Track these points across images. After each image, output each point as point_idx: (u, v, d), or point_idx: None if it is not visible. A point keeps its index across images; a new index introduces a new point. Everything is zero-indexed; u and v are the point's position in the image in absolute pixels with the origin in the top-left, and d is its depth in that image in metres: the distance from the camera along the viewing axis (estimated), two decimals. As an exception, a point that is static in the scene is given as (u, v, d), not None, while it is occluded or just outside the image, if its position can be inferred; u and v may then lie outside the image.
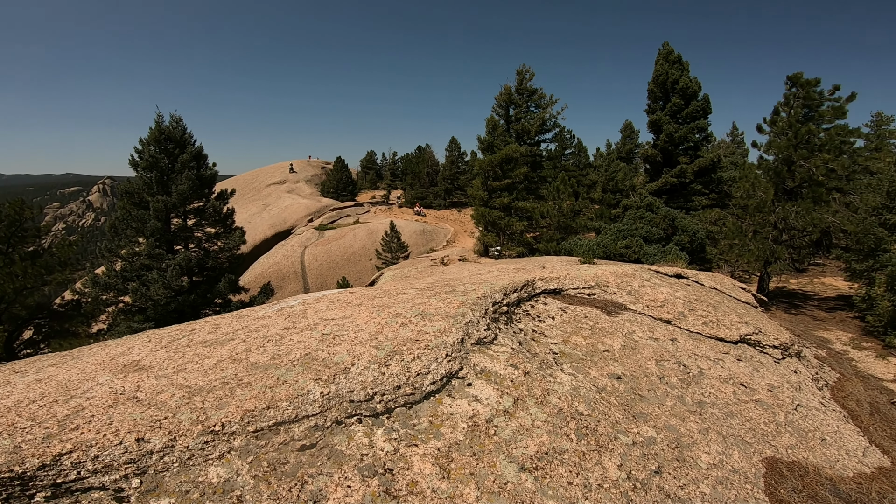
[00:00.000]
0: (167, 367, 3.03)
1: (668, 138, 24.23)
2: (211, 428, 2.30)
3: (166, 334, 3.91)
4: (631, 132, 43.13)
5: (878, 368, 9.96)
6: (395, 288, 5.05)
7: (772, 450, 3.60)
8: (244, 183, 51.34)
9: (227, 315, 4.39)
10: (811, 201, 14.35)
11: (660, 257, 14.07)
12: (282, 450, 2.32)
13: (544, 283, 5.67)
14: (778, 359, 5.81)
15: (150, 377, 2.85)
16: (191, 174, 13.85)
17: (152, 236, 13.85)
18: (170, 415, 2.38)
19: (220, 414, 2.41)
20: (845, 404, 5.75)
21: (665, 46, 24.75)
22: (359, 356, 3.04)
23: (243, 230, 15.93)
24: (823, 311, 15.15)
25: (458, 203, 45.04)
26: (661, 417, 3.47)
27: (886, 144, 31.22)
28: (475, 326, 3.70)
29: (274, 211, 39.06)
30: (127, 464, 2.05)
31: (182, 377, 2.84)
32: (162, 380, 2.81)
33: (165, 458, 2.12)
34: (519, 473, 2.49)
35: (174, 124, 14.67)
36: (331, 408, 2.61)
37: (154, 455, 2.11)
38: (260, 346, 3.23)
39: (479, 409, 2.87)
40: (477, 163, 24.79)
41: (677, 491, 2.78)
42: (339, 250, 31.00)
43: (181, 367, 3.02)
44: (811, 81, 14.59)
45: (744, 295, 8.01)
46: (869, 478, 3.74)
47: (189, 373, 2.91)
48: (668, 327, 5.40)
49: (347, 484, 2.21)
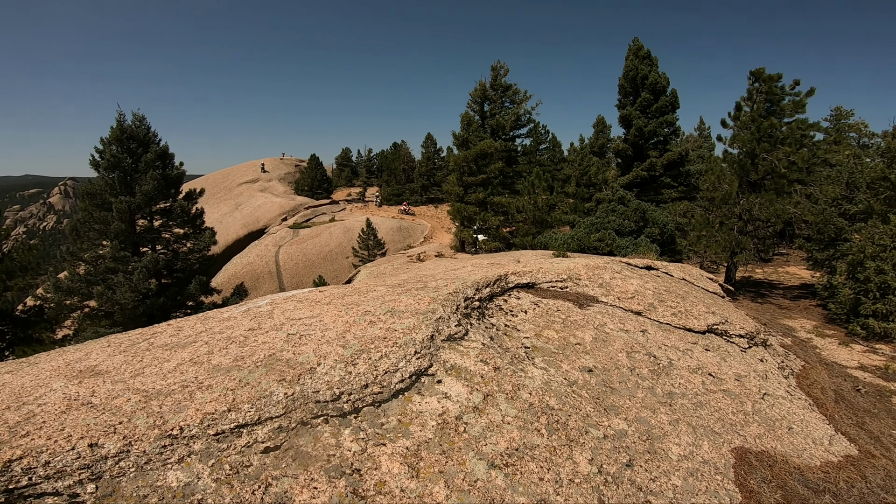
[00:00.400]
0: (124, 371, 2.93)
1: (639, 133, 24.71)
2: (168, 432, 2.25)
3: (126, 339, 3.77)
4: (603, 127, 43.82)
5: (842, 355, 10.34)
6: (366, 286, 4.99)
7: (740, 440, 3.67)
8: (214, 182, 50.08)
9: (191, 317, 4.26)
10: (774, 193, 14.85)
11: (632, 249, 14.34)
12: (244, 452, 2.27)
13: (517, 278, 5.69)
14: (744, 348, 5.97)
15: (106, 382, 2.76)
16: (156, 174, 13.42)
17: (116, 238, 13.38)
18: (125, 419, 2.32)
19: (178, 418, 2.35)
20: (811, 392, 5.92)
21: (635, 42, 25.17)
22: (325, 356, 2.98)
23: (214, 230, 15.56)
24: (788, 300, 15.71)
25: (434, 199, 44.97)
26: (632, 410, 3.51)
27: (845, 138, 32.54)
28: (445, 322, 3.68)
29: (246, 210, 38.24)
30: (80, 469, 2.01)
31: (139, 381, 2.75)
32: (118, 384, 2.72)
33: (121, 462, 2.07)
34: (489, 470, 2.48)
35: (137, 123, 14.18)
36: (295, 409, 2.56)
37: (109, 460, 2.06)
38: (223, 349, 3.14)
39: (448, 407, 2.85)
40: (452, 158, 24.78)
41: (649, 484, 2.81)
42: (314, 249, 30.57)
43: (139, 371, 2.91)
44: (773, 76, 15.06)
45: (711, 285, 8.22)
46: (836, 466, 3.82)
47: (147, 377, 2.81)
48: (639, 318, 5.49)
49: (314, 485, 2.16)
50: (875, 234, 12.26)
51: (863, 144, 33.96)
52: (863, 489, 3.54)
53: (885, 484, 3.72)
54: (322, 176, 48.04)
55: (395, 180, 46.69)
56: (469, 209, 23.09)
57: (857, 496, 3.40)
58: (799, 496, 3.18)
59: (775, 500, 3.07)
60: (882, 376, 8.99)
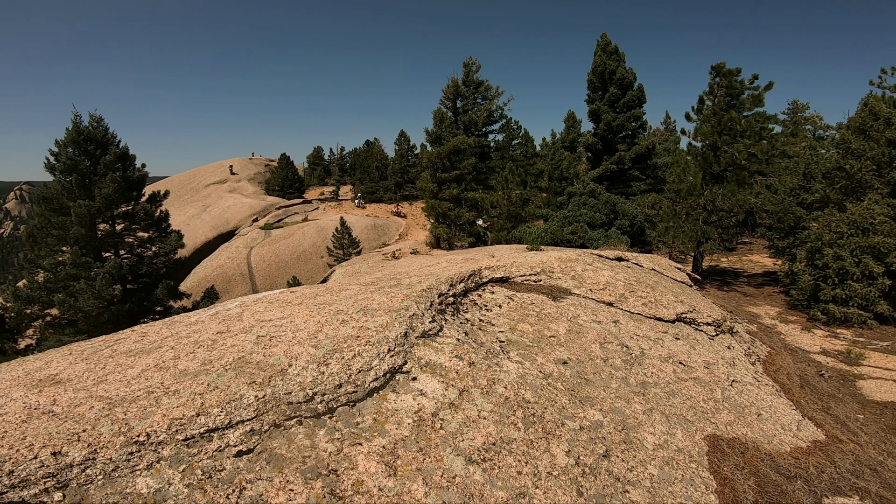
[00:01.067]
0: (86, 379, 2.82)
1: (607, 127, 25.18)
2: (135, 438, 2.20)
3: (89, 346, 3.63)
4: (574, 122, 44.46)
5: (805, 341, 10.77)
6: (339, 285, 4.93)
7: (712, 427, 3.76)
8: (180, 184, 48.58)
9: (157, 323, 4.12)
10: (735, 184, 15.37)
11: (603, 241, 14.63)
12: (216, 457, 2.22)
13: (491, 272, 5.72)
14: (712, 335, 6.15)
15: (68, 390, 2.67)
16: (116, 176, 12.95)
17: (76, 244, 12.86)
18: (88, 427, 2.26)
19: (144, 424, 2.28)
20: (777, 378, 6.10)
21: (603, 38, 25.59)
22: (296, 356, 2.93)
23: (180, 233, 15.15)
24: (752, 288, 16.30)
25: (409, 196, 44.80)
26: (606, 400, 3.56)
27: (802, 130, 33.97)
28: (419, 319, 3.67)
29: (215, 212, 37.24)
30: (45, 478, 1.95)
31: (102, 389, 2.65)
32: (80, 392, 2.63)
33: (87, 470, 2.02)
34: (467, 466, 2.48)
35: (94, 124, 13.67)
36: (267, 411, 2.50)
37: (74, 468, 2.01)
38: (190, 353, 3.04)
39: (424, 404, 2.84)
40: (426, 155, 24.70)
41: (626, 474, 2.85)
42: (287, 249, 30.05)
43: (101, 378, 2.81)
44: (733, 71, 15.56)
45: (679, 275, 8.45)
46: (806, 452, 3.92)
47: (110, 384, 2.72)
48: (611, 309, 5.59)
49: (290, 487, 2.13)
50: (832, 222, 12.83)
51: (818, 136, 35.56)
52: (832, 474, 3.61)
53: (854, 469, 3.81)
54: (293, 175, 47.22)
55: (368, 178, 46.28)
56: (443, 205, 23.08)
57: (827, 481, 3.48)
58: (772, 482, 3.24)
59: (749, 486, 3.13)
60: (844, 361, 9.40)
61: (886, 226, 11.70)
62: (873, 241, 11.72)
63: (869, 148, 13.25)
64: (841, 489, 3.41)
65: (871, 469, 3.92)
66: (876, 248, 11.75)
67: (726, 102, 15.86)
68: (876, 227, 11.82)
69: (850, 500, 3.30)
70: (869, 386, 7.98)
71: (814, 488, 3.33)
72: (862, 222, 12.05)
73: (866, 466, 3.95)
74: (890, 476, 3.90)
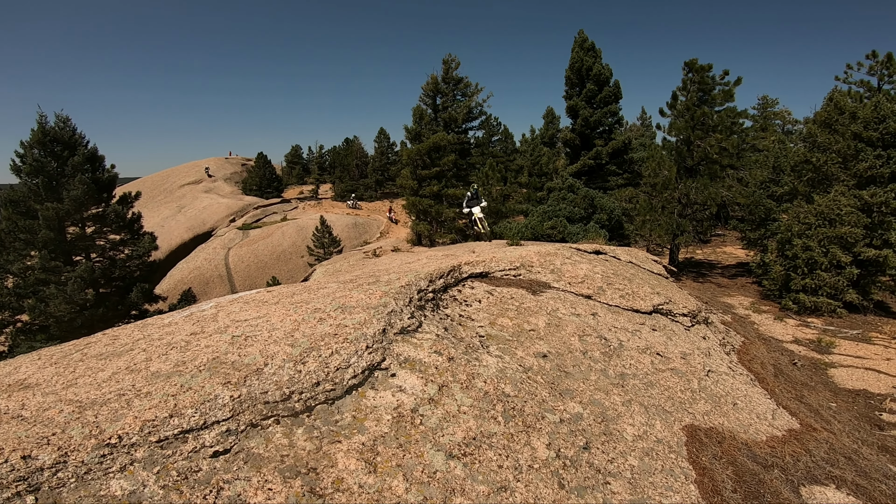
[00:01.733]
0: (56, 383, 2.76)
1: (585, 122, 25.46)
2: (106, 441, 2.16)
3: (58, 350, 3.54)
4: (553, 118, 44.80)
5: (777, 330, 11.07)
6: (317, 283, 4.88)
7: (690, 417, 3.80)
8: (153, 184, 47.36)
9: (129, 325, 4.02)
10: (708, 177, 15.75)
11: (582, 235, 14.81)
12: (192, 458, 2.19)
13: (471, 268, 5.73)
14: (688, 326, 6.27)
15: (37, 395, 2.61)
16: (84, 178, 12.57)
17: (45, 248, 12.46)
18: (59, 430, 2.21)
19: (115, 426, 2.25)
20: (751, 367, 6.22)
21: (580, 35, 25.83)
22: (272, 356, 2.89)
23: (154, 235, 14.80)
24: (726, 278, 16.71)
25: (389, 194, 44.57)
26: (586, 392, 3.59)
27: (771, 125, 34.92)
28: (398, 316, 3.65)
29: (191, 212, 36.42)
30: (17, 481, 1.91)
31: (72, 392, 2.60)
32: (49, 396, 2.57)
33: (59, 473, 1.98)
34: (447, 461, 2.48)
35: (61, 125, 13.24)
36: (243, 411, 2.47)
37: (45, 471, 1.97)
38: (162, 355, 2.98)
39: (403, 400, 2.83)
40: (405, 152, 24.59)
41: (607, 465, 2.88)
42: (266, 249, 29.60)
43: (71, 382, 2.75)
44: (705, 67, 15.91)
45: (656, 267, 8.61)
46: (781, 441, 3.98)
47: (80, 387, 2.66)
48: (589, 302, 5.66)
49: (268, 486, 2.11)
50: (800, 214, 13.24)
51: (787, 131, 36.61)
52: (808, 462, 3.67)
53: (829, 457, 3.88)
54: (271, 174, 46.50)
55: (348, 176, 45.87)
56: (424, 202, 23.03)
57: (803, 470, 3.53)
58: (749, 471, 3.28)
59: (727, 475, 3.17)
60: (815, 349, 9.70)
61: (853, 216, 12.13)
62: (840, 232, 12.14)
63: (834, 141, 13.70)
64: (817, 478, 3.46)
65: (845, 457, 3.98)
66: (843, 238, 12.17)
67: (699, 98, 16.21)
68: (843, 218, 12.24)
69: (827, 488, 3.34)
70: (840, 374, 8.25)
71: (790, 477, 3.37)
72: (829, 213, 12.46)
73: (841, 455, 4.01)
74: (864, 464, 3.97)
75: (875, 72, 20.18)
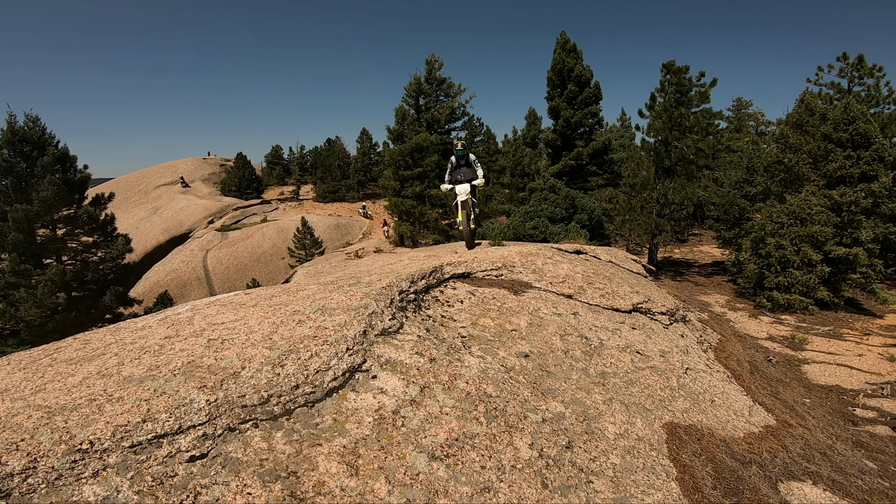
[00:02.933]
0: (24, 388, 2.67)
1: (566, 123, 25.75)
2: (77, 446, 2.10)
3: (27, 356, 3.43)
4: (535, 119, 45.19)
5: (752, 327, 11.32)
6: (297, 285, 4.81)
7: (670, 415, 3.85)
8: (128, 185, 46.20)
9: (101, 329, 3.90)
10: (685, 178, 16.07)
11: (563, 235, 14.96)
12: (167, 463, 2.13)
13: (453, 268, 5.73)
14: (666, 324, 6.37)
15: (5, 400, 2.54)
16: (55, 178, 12.20)
17: (14, 250, 12.06)
18: (27, 436, 2.15)
19: (86, 432, 2.19)
20: (728, 364, 6.33)
21: (562, 36, 26.11)
22: (250, 359, 2.83)
23: (128, 237, 14.44)
24: (703, 277, 17.07)
25: (372, 195, 44.35)
26: (568, 392, 3.61)
27: (745, 126, 35.84)
28: (379, 317, 3.62)
29: (167, 214, 35.63)
30: None
31: (41, 398, 2.52)
32: (17, 402, 2.49)
33: (29, 479, 1.93)
34: (430, 463, 2.47)
35: (30, 124, 12.85)
36: (220, 415, 2.41)
37: (15, 477, 1.92)
38: (135, 359, 2.89)
39: (385, 402, 2.81)
40: (388, 153, 24.48)
41: (589, 464, 2.90)
42: (246, 251, 29.13)
43: (40, 387, 2.66)
44: (682, 68, 16.23)
45: (635, 266, 8.74)
46: (758, 437, 4.05)
47: (49, 392, 2.57)
48: (570, 302, 5.71)
49: (247, 491, 2.07)
50: (773, 213, 13.60)
51: (760, 132, 37.63)
52: (785, 459, 3.74)
53: (805, 453, 3.96)
54: (251, 175, 45.82)
55: (330, 177, 45.48)
56: (406, 203, 22.97)
57: (781, 466, 3.59)
58: (728, 468, 3.33)
59: (707, 472, 3.21)
60: (789, 346, 9.96)
61: (823, 216, 12.50)
62: (811, 231, 12.50)
63: (805, 142, 14.12)
64: (794, 473, 3.52)
65: (821, 453, 4.07)
66: (814, 236, 12.54)
67: (676, 99, 16.53)
68: (813, 217, 12.61)
69: (804, 484, 3.39)
70: (813, 370, 8.48)
71: (769, 473, 3.42)
72: (800, 212, 12.82)
73: (816, 450, 4.10)
74: (840, 459, 4.07)
75: (845, 74, 20.82)
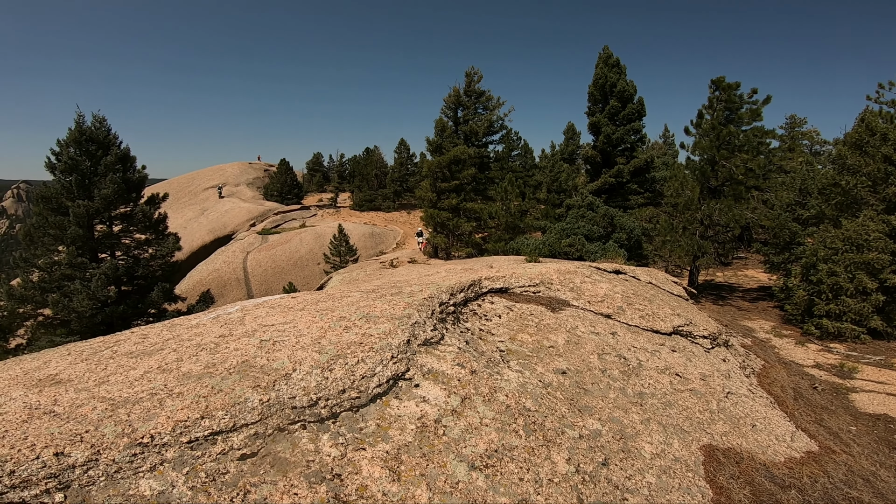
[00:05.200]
0: (88, 379, 2.82)
1: (607, 140, 25.38)
2: (139, 440, 2.19)
3: (88, 346, 3.63)
4: (573, 134, 44.78)
5: (798, 355, 10.81)
6: (340, 292, 4.95)
7: (708, 437, 3.79)
8: (179, 186, 48.54)
9: (157, 325, 4.13)
10: (732, 199, 15.50)
11: (600, 254, 14.71)
12: (220, 460, 2.23)
13: (490, 283, 5.76)
14: (708, 348, 6.19)
15: (69, 391, 2.66)
16: (116, 177, 12.97)
17: (73, 244, 12.84)
18: (91, 428, 2.25)
19: (148, 426, 2.29)
20: (771, 390, 6.14)
21: (605, 51, 25.89)
22: (300, 361, 2.95)
23: (178, 236, 15.14)
24: (747, 302, 16.37)
25: (407, 205, 44.88)
26: (605, 410, 3.59)
27: (799, 145, 34.33)
28: (421, 327, 3.70)
29: (213, 215, 37.19)
30: (47, 478, 1.94)
31: (104, 390, 2.65)
32: (82, 393, 2.62)
33: (90, 472, 2.01)
34: (470, 472, 2.50)
35: (97, 125, 13.71)
36: (272, 415, 2.52)
37: (77, 469, 2.00)
38: (193, 356, 3.06)
39: (427, 410, 2.86)
40: (426, 164, 24.81)
41: (624, 482, 2.88)
42: (284, 255, 30.00)
43: (103, 379, 2.81)
44: (732, 85, 15.76)
45: (676, 288, 8.51)
46: (799, 462, 3.96)
47: (112, 385, 2.71)
48: (609, 321, 5.63)
49: (294, 491, 2.14)
50: (827, 238, 12.94)
51: (815, 152, 35.92)
52: (826, 484, 3.64)
53: (847, 479, 3.85)
54: (292, 181, 47.26)
55: (367, 186, 46.38)
56: (442, 215, 23.16)
57: (820, 491, 3.50)
58: (767, 491, 3.27)
59: (744, 495, 3.16)
60: (837, 374, 9.45)
61: (881, 242, 11.82)
62: (868, 258, 11.83)
63: (865, 164, 13.42)
64: (834, 499, 3.44)
65: (863, 479, 3.97)
66: (870, 264, 11.85)
67: (725, 116, 16.04)
68: (870, 244, 11.93)
69: None
70: (861, 399, 8.03)
71: (808, 498, 3.35)
72: (856, 238, 12.16)
73: (859, 477, 4.00)
74: (882, 486, 3.95)
75: (908, 92, 19.65)
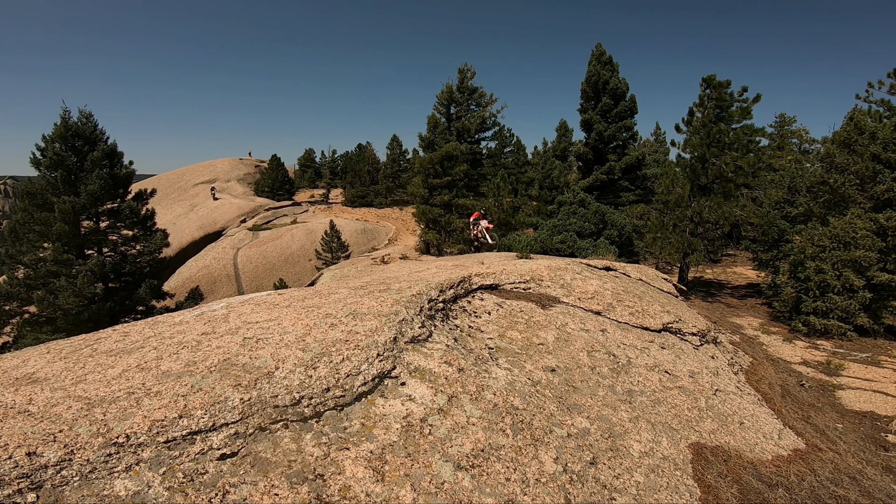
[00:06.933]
0: (65, 378, 2.76)
1: (599, 137, 25.43)
2: (114, 440, 2.15)
3: (68, 344, 3.56)
4: (566, 131, 44.84)
5: (786, 352, 10.94)
6: (328, 288, 4.89)
7: (696, 435, 3.79)
8: (168, 182, 48.00)
9: (139, 322, 4.05)
10: (722, 196, 15.61)
11: (592, 251, 14.73)
12: (199, 460, 2.18)
13: (481, 279, 5.72)
14: (697, 345, 6.21)
15: (45, 390, 2.61)
16: (102, 173, 12.79)
17: (59, 240, 12.66)
18: (66, 427, 2.20)
19: (124, 425, 2.24)
20: (759, 387, 6.18)
21: (598, 48, 25.90)
22: (283, 359, 2.89)
23: (166, 232, 14.98)
24: (736, 299, 16.52)
25: (399, 201, 44.76)
26: (594, 408, 3.57)
27: (788, 143, 34.63)
28: (409, 324, 3.65)
29: (202, 211, 36.83)
30: (19, 478, 1.89)
31: (81, 388, 2.60)
32: (58, 392, 2.57)
33: (63, 472, 1.97)
34: (455, 472, 2.47)
35: (83, 120, 13.53)
36: (253, 414, 2.47)
37: (49, 469, 1.96)
38: (173, 354, 2.99)
39: (413, 409, 2.82)
40: (418, 160, 24.72)
41: (612, 481, 2.86)
42: (275, 251, 29.80)
43: (81, 378, 2.75)
44: (723, 83, 15.84)
45: (666, 285, 8.54)
46: (786, 460, 3.98)
47: (89, 384, 2.66)
48: (599, 318, 5.62)
49: (274, 492, 2.10)
50: (814, 236, 13.08)
51: (804, 150, 36.27)
52: (813, 482, 3.66)
53: (834, 477, 3.87)
54: (283, 177, 46.95)
55: (359, 182, 46.18)
56: (434, 211, 23.10)
57: (807, 489, 3.51)
58: (754, 490, 3.28)
59: (732, 494, 3.16)
60: (824, 371, 9.57)
61: (868, 240, 11.96)
62: (855, 255, 11.97)
63: (853, 162, 13.56)
64: (821, 497, 3.46)
65: (850, 477, 3.99)
66: (857, 261, 12.00)
67: (716, 114, 16.13)
68: (857, 242, 12.07)
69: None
70: (848, 396, 8.15)
71: (795, 496, 3.37)
72: (844, 236, 12.30)
73: (845, 475, 4.02)
74: (869, 484, 3.98)
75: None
